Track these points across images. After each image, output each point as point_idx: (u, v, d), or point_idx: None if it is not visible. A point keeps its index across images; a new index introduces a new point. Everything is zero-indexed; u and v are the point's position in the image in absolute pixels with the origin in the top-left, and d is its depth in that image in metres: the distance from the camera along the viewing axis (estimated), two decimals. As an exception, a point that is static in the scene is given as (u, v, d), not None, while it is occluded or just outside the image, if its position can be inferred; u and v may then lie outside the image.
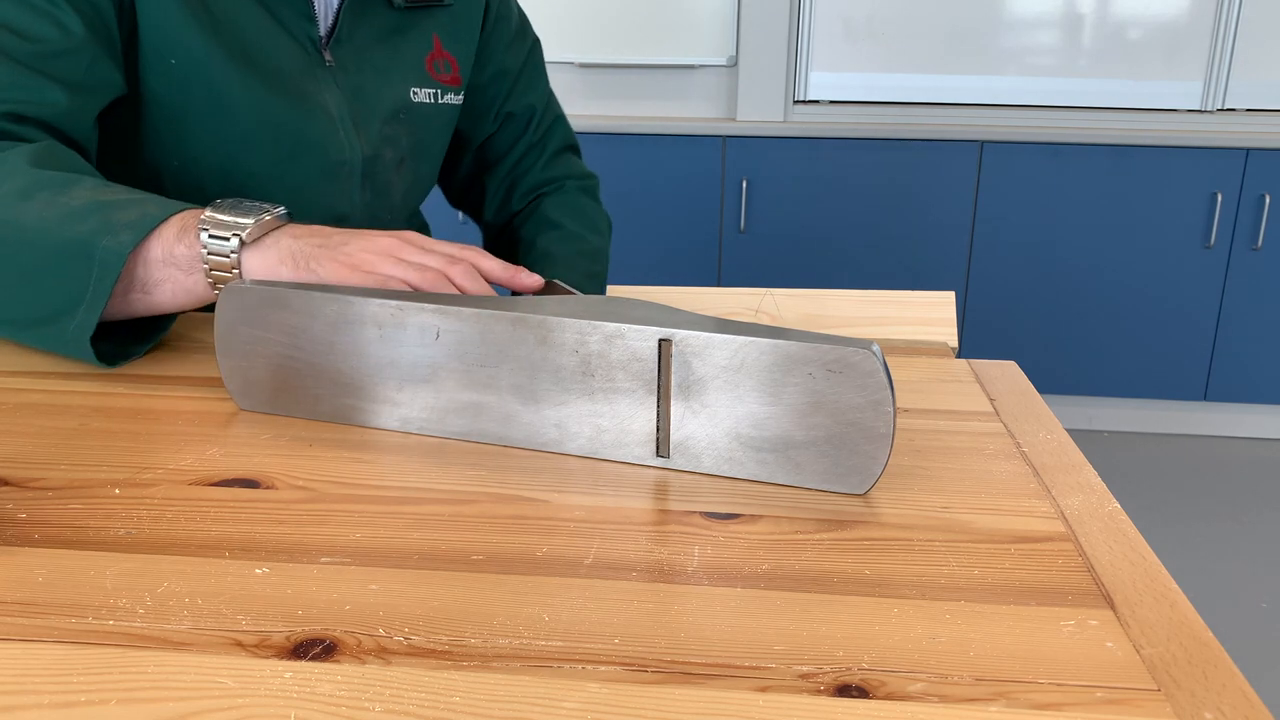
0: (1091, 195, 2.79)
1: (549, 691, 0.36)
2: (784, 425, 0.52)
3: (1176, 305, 2.83)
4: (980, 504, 0.52)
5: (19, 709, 0.35)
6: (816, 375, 0.50)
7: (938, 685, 0.37)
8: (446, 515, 0.50)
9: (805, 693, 0.37)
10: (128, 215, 0.66)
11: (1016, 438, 0.60)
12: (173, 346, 0.75)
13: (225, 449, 0.57)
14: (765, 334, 0.51)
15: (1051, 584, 0.44)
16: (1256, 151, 2.70)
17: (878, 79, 3.04)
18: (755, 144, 2.84)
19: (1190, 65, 2.92)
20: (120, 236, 0.65)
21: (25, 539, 0.47)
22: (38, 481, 0.53)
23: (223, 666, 0.38)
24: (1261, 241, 2.75)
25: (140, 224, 0.65)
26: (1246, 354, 2.84)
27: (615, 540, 0.48)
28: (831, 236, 2.88)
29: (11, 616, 0.41)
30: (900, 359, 0.74)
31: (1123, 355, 2.88)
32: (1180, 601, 0.43)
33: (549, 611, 0.42)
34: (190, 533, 0.48)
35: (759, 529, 0.49)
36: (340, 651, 0.39)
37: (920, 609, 0.42)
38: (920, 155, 2.81)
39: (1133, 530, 0.49)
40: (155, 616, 0.41)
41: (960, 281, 2.87)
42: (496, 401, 0.57)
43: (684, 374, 0.53)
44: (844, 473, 0.52)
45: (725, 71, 3.07)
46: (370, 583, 0.44)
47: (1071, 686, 0.37)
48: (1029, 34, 2.97)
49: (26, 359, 0.72)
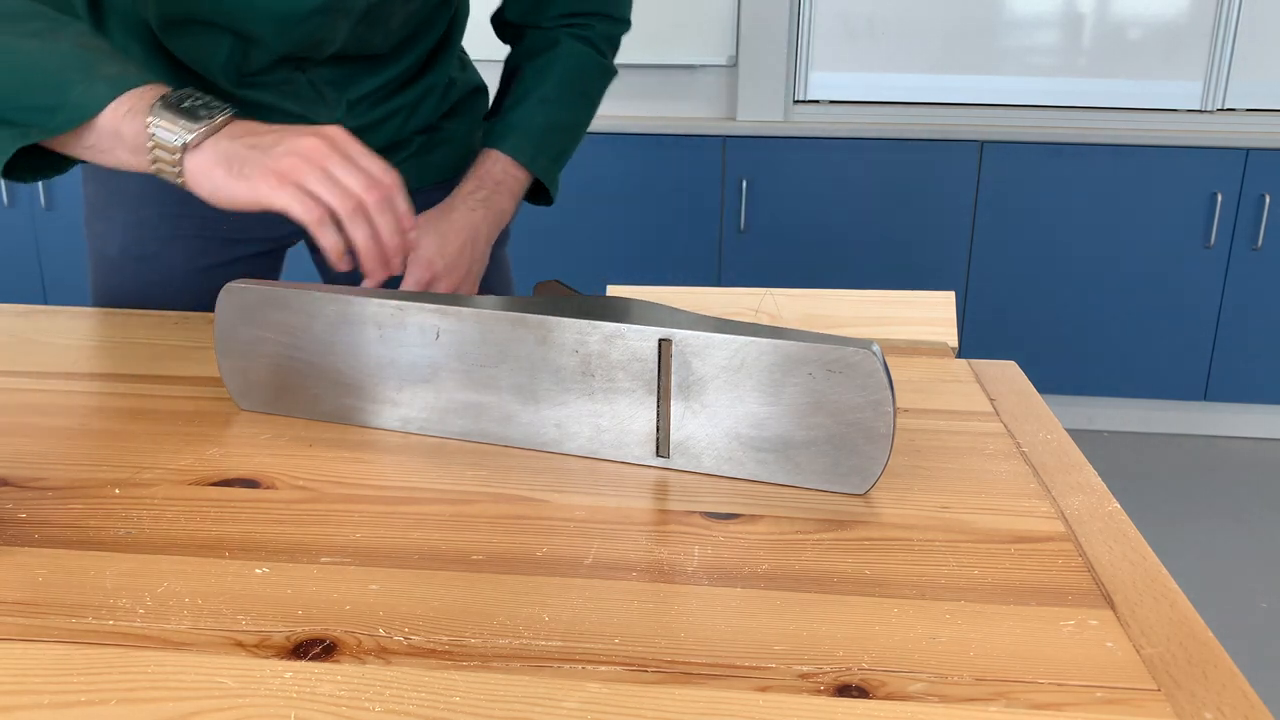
0: (1091, 195, 2.79)
1: (549, 691, 0.36)
2: (784, 425, 0.52)
3: (1176, 305, 2.83)
4: (980, 504, 0.52)
5: (19, 709, 0.35)
6: (816, 375, 0.50)
7: (938, 685, 0.37)
8: (446, 515, 0.50)
9: (805, 693, 0.37)
10: (108, 69, 0.69)
11: (1016, 438, 0.60)
12: (172, 346, 0.75)
13: (225, 449, 0.57)
14: (765, 334, 0.51)
15: (1051, 584, 0.44)
16: (1256, 151, 2.70)
17: (878, 79, 3.04)
18: (755, 144, 2.84)
19: (1190, 65, 2.92)
20: (96, 87, 0.68)
21: (25, 539, 0.47)
22: (38, 481, 0.53)
23: (223, 666, 0.38)
24: (1261, 241, 2.75)
25: (118, 81, 0.69)
26: (1246, 354, 2.84)
27: (615, 540, 0.48)
28: (831, 236, 2.88)
29: (11, 616, 0.41)
30: (900, 359, 0.74)
31: (1123, 355, 2.88)
32: (1180, 601, 0.43)
33: (549, 611, 0.42)
34: (190, 533, 0.48)
35: (759, 529, 0.49)
36: (340, 651, 0.39)
37: (920, 609, 0.42)
38: (920, 155, 2.81)
39: (1133, 530, 0.49)
40: (155, 616, 0.41)
41: (960, 281, 2.87)
42: (496, 401, 0.57)
43: (684, 374, 0.53)
44: (844, 473, 0.52)
45: (725, 71, 3.07)
46: (370, 583, 0.44)
47: (1071, 686, 0.37)
48: (1029, 34, 2.97)
49: (26, 359, 0.72)
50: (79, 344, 0.75)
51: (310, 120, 0.90)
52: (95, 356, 0.73)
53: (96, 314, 0.83)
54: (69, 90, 0.68)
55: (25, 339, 0.76)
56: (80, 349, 0.74)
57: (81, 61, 0.70)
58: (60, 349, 0.74)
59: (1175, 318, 2.84)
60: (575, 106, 1.02)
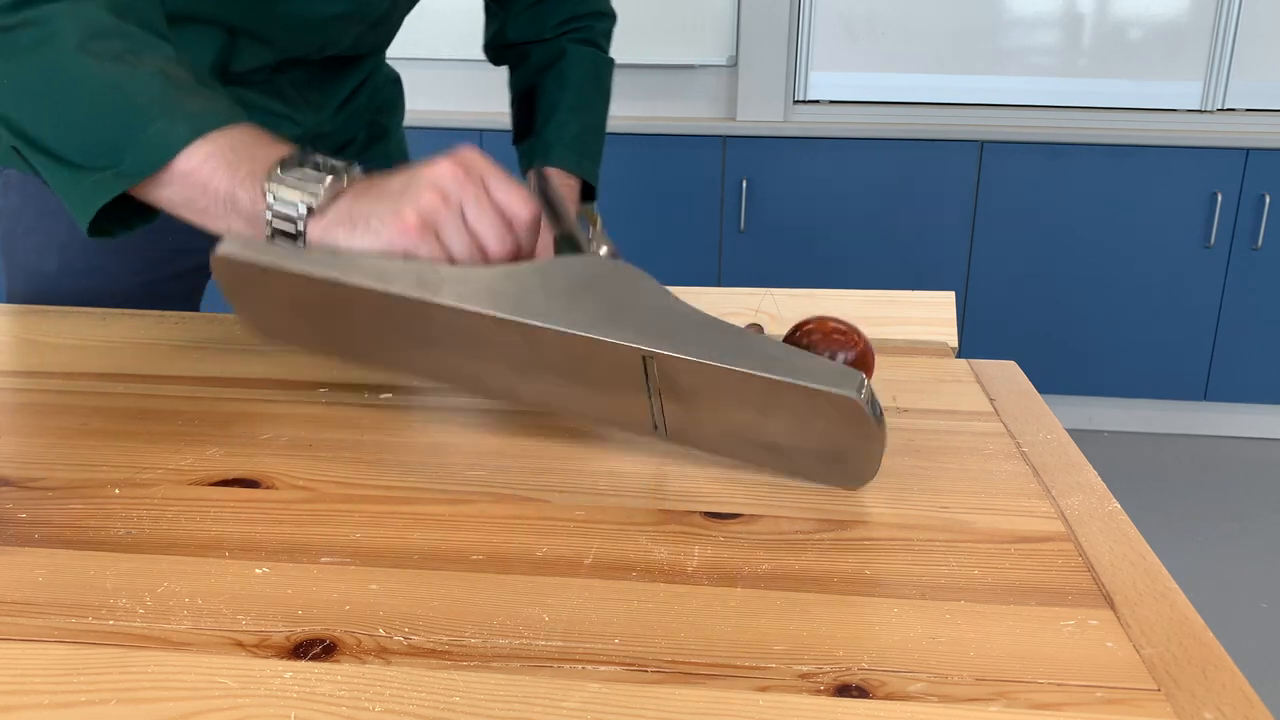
0: (1091, 195, 2.79)
1: (549, 691, 0.36)
2: (775, 435, 0.52)
3: (1176, 305, 2.83)
4: (980, 504, 0.52)
5: (19, 709, 0.35)
6: (801, 408, 0.50)
7: (938, 685, 0.37)
8: (446, 515, 0.50)
9: (805, 693, 0.37)
10: (193, 104, 0.62)
11: (1016, 438, 0.60)
12: (172, 346, 0.75)
13: (225, 449, 0.57)
14: (749, 361, 0.49)
15: (1051, 584, 0.44)
16: (1256, 151, 2.70)
17: (878, 79, 3.04)
18: (755, 144, 2.84)
19: (1190, 65, 2.92)
20: (177, 127, 0.60)
21: (25, 539, 0.47)
22: (38, 481, 0.53)
23: (223, 666, 0.38)
24: (1261, 241, 2.75)
25: (200, 119, 0.61)
26: (1246, 354, 2.84)
27: (615, 540, 0.48)
28: (831, 236, 2.88)
29: (11, 616, 0.41)
30: (900, 359, 0.74)
31: (1123, 355, 2.88)
32: (1180, 601, 0.43)
33: (549, 611, 0.42)
34: (190, 533, 0.48)
35: (759, 529, 0.49)
36: (340, 651, 0.39)
37: (920, 609, 0.42)
38: (920, 155, 2.81)
39: (1133, 530, 0.49)
40: (155, 616, 0.41)
41: (960, 281, 2.87)
42: (500, 370, 0.57)
43: (671, 384, 0.52)
44: (839, 476, 0.52)
45: (725, 71, 3.07)
46: (370, 583, 0.44)
47: (1071, 686, 0.37)
48: (1029, 34, 2.97)
49: (26, 359, 0.72)
50: (79, 344, 0.75)
51: (295, 121, 0.90)
52: (95, 356, 0.73)
53: (96, 314, 0.83)
54: (144, 128, 0.61)
55: (25, 339, 0.76)
56: (80, 349, 0.74)
57: (163, 93, 0.62)
58: (60, 349, 0.74)
59: (1175, 318, 2.84)
60: (598, 106, 1.06)
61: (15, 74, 0.63)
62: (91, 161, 0.62)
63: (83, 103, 0.62)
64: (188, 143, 0.60)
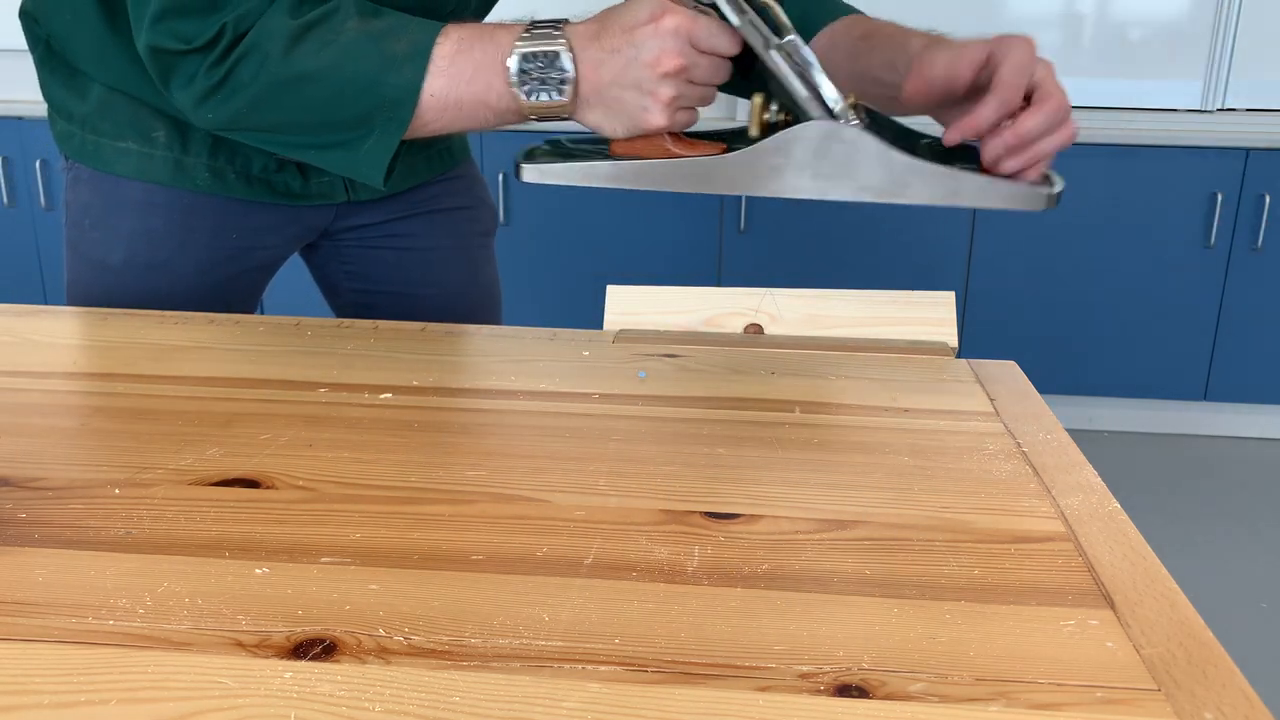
0: (1091, 195, 2.78)
1: (549, 691, 0.36)
2: None
3: (1176, 305, 2.83)
4: (980, 504, 0.52)
5: (19, 709, 0.35)
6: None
7: (938, 685, 0.37)
8: (446, 515, 0.50)
9: (805, 693, 0.37)
10: (399, 45, 0.70)
11: (1016, 438, 0.60)
12: (172, 346, 0.75)
13: (225, 449, 0.57)
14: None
15: (1051, 584, 0.44)
16: (1256, 151, 2.70)
17: (878, 79, 3.03)
18: (755, 144, 2.83)
19: (1190, 65, 2.92)
20: (404, 72, 0.69)
21: (25, 539, 0.47)
22: (38, 481, 0.53)
23: (223, 666, 0.38)
24: (1261, 242, 2.75)
25: (414, 55, 0.69)
26: (1246, 354, 2.84)
27: (615, 540, 0.48)
28: (831, 236, 2.88)
29: (11, 616, 0.41)
30: (900, 359, 0.74)
31: (1123, 355, 2.88)
32: (1180, 601, 0.43)
33: (549, 611, 0.42)
34: (190, 533, 0.48)
35: (759, 529, 0.49)
36: (340, 651, 0.39)
37: (920, 609, 0.42)
38: (920, 155, 2.80)
39: (1133, 530, 0.49)
40: (155, 616, 0.41)
41: (960, 281, 2.87)
42: None
43: None
44: None
45: (725, 71, 3.07)
46: (370, 583, 0.44)
47: (1071, 686, 0.37)
48: (1029, 34, 2.97)
49: (26, 359, 0.72)
50: (79, 344, 0.75)
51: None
52: (95, 356, 0.73)
53: (97, 314, 0.83)
54: (381, 90, 0.69)
55: (25, 339, 0.76)
56: (80, 349, 0.74)
57: (377, 50, 0.70)
58: (60, 349, 0.74)
59: (1175, 318, 2.84)
60: None
61: (257, 105, 0.72)
62: (352, 135, 0.71)
63: (319, 98, 0.70)
64: (420, 83, 0.69)
